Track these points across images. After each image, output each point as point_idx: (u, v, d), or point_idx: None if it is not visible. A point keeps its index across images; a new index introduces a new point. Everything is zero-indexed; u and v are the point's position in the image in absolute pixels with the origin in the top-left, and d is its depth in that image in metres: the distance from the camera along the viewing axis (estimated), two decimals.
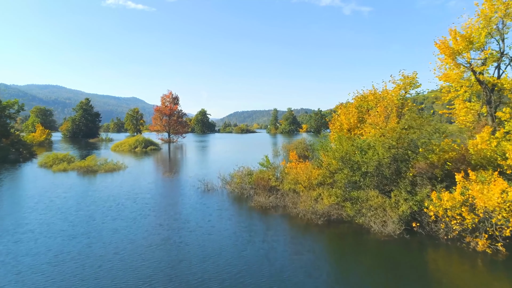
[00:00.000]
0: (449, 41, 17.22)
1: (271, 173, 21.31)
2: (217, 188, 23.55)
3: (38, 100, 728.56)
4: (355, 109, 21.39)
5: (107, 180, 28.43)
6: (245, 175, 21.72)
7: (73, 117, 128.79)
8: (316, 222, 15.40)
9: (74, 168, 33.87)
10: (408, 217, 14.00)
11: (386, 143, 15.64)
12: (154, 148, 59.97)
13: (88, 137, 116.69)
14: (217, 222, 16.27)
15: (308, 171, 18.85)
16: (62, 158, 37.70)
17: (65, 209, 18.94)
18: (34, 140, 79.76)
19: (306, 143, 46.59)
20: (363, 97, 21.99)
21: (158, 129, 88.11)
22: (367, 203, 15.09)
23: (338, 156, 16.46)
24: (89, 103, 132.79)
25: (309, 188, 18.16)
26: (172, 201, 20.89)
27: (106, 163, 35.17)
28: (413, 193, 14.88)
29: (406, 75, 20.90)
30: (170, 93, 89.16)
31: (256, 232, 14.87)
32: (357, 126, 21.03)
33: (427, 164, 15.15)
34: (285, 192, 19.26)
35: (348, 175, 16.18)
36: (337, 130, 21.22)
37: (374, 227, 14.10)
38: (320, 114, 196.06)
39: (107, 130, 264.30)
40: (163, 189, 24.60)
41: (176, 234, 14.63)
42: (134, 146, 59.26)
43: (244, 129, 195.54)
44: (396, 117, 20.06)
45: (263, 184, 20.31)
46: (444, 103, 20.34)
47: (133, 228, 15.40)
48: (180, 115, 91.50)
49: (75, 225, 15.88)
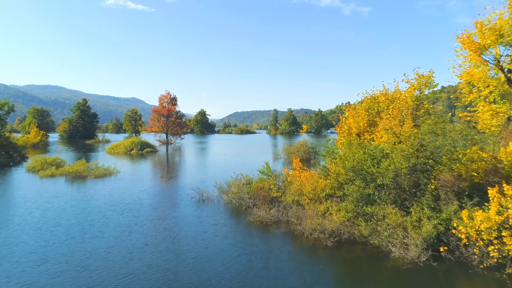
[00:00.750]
0: (473, 35, 15.26)
1: (272, 182, 19.29)
2: (213, 198, 21.51)
3: (37, 100, 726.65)
4: (364, 112, 19.39)
5: (95, 188, 26.41)
6: (244, 184, 19.68)
7: (70, 118, 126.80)
8: (325, 243, 13.35)
9: (62, 174, 31.84)
10: (433, 239, 11.97)
11: (405, 151, 13.61)
12: (150, 151, 57.91)
13: (85, 138, 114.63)
14: (211, 242, 14.24)
15: (314, 181, 16.83)
16: (51, 163, 35.67)
17: (42, 223, 16.92)
18: (29, 142, 77.75)
19: (308, 146, 44.62)
20: (373, 98, 19.99)
21: (155, 130, 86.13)
22: (383, 220, 13.06)
23: (348, 166, 14.44)
24: (87, 104, 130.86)
25: (315, 200, 16.15)
26: (163, 213, 18.86)
27: (96, 168, 33.14)
28: (437, 209, 12.87)
29: (421, 74, 18.90)
30: (168, 93, 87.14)
31: (256, 255, 12.84)
32: (367, 130, 19.04)
33: (453, 176, 13.13)
34: (288, 204, 17.23)
35: (361, 187, 14.15)
36: (344, 134, 19.24)
37: (394, 252, 12.05)
38: (321, 114, 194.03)
39: (105, 130, 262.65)
40: (155, 199, 22.58)
41: (162, 258, 12.59)
42: (130, 148, 57.22)
43: (244, 129, 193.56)
44: (411, 121, 18.05)
45: (263, 195, 18.29)
46: (464, 103, 18.32)
47: (114, 250, 13.36)
48: (178, 116, 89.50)
49: (48, 246, 13.85)
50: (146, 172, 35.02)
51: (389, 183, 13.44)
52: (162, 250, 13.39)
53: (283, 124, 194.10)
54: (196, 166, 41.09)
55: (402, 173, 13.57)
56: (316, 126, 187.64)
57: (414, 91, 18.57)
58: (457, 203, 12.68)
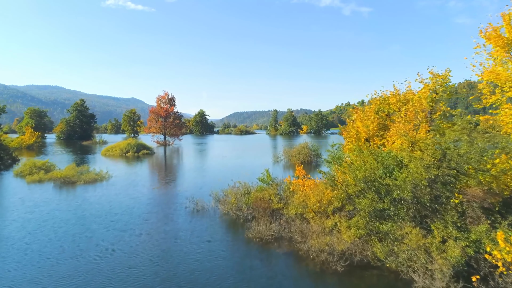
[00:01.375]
0: (500, 29, 13.56)
1: (273, 191, 17.56)
2: (208, 208, 19.76)
3: (37, 100, 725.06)
4: (374, 114, 17.69)
5: (84, 195, 24.68)
6: (241, 194, 17.92)
7: (67, 118, 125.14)
8: (334, 267, 11.62)
9: (51, 179, 30.10)
10: (462, 265, 10.24)
11: (426, 160, 11.89)
12: (146, 153, 56.17)
13: (83, 139, 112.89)
14: (205, 264, 12.50)
15: (319, 192, 15.11)
16: (40, 167, 33.92)
17: (16, 239, 15.18)
18: (23, 143, 75.98)
19: (309, 148, 42.89)
20: (383, 99, 18.28)
21: (153, 131, 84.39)
22: (402, 241, 11.34)
23: (360, 177, 12.72)
24: (84, 104, 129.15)
25: (321, 214, 14.43)
26: (154, 227, 17.13)
27: (87, 173, 31.41)
28: (463, 228, 11.15)
29: (436, 73, 17.17)
30: (166, 93, 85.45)
31: (256, 282, 11.11)
32: (377, 134, 17.34)
33: (481, 189, 11.43)
34: (291, 217, 15.50)
35: (374, 201, 12.43)
36: (352, 139, 17.52)
37: (418, 281, 10.30)
38: (321, 115, 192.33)
39: (104, 131, 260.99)
40: (146, 208, 20.83)
41: (148, 286, 10.87)
42: (126, 150, 55.49)
43: (243, 130, 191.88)
44: (427, 125, 16.35)
45: (263, 207, 16.57)
46: (485, 105, 16.62)
47: (90, 276, 11.60)
48: (176, 117, 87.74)
49: (16, 269, 12.10)
50: (140, 176, 33.29)
51: (407, 197, 11.71)
52: (148, 274, 11.66)
53: (283, 124, 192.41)
54: (193, 169, 39.36)
55: (421, 186, 11.86)
56: (316, 127, 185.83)
57: (429, 91, 16.85)
58: (487, 221, 10.97)
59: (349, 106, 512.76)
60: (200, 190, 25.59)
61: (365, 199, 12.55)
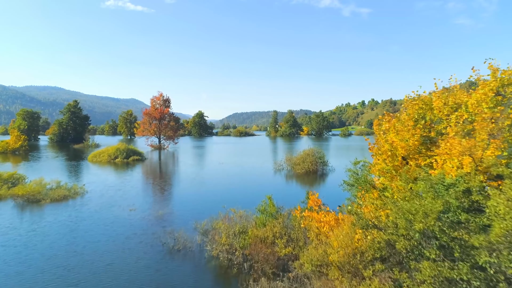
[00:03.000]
0: None
1: (277, 229, 12.93)
2: (193, 247, 15.07)
3: (36, 101, 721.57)
4: (413, 123, 13.12)
5: (46, 219, 20.06)
6: (236, 233, 13.22)
7: (60, 120, 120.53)
8: None
9: (13, 196, 25.47)
10: None
11: None
12: (137, 159, 51.55)
13: (76, 141, 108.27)
14: None
15: (345, 236, 10.50)
16: (6, 179, 29.27)
17: None
18: (9, 147, 71.33)
19: (315, 155, 38.29)
20: (424, 102, 13.67)
21: (147, 134, 79.81)
22: None
23: (418, 227, 8.10)
24: (78, 105, 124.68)
25: (351, 272, 9.82)
26: (114, 277, 12.46)
27: (57, 188, 26.76)
28: None
29: (498, 69, 12.59)
30: (161, 94, 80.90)
31: None
32: (419, 151, 12.76)
33: None
34: (306, 274, 10.87)
35: (443, 267, 7.82)
36: (384, 157, 12.92)
37: None
38: (322, 116, 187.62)
39: (102, 132, 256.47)
40: (114, 243, 16.13)
41: None
42: (114, 156, 50.88)
43: (242, 132, 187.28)
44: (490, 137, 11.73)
45: (265, 253, 11.95)
46: None
47: None
48: (171, 119, 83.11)
49: None
50: (121, 191, 28.61)
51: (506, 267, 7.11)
52: None
53: (283, 126, 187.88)
54: (185, 181, 34.75)
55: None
56: (317, 128, 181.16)
57: (491, 92, 12.29)
58: None
59: (349, 106, 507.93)
60: (187, 214, 21.00)
61: (428, 263, 7.93)
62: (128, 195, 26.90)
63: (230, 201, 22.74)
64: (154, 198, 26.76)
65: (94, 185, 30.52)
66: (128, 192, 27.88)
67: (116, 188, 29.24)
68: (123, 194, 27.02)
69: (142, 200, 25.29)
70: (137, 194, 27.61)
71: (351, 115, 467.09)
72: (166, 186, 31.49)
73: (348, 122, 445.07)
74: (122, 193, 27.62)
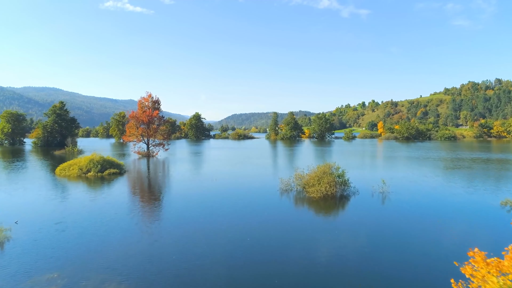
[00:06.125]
0: None
1: None
2: None
3: (34, 102, 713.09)
4: None
5: None
6: None
7: (44, 123, 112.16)
8: None
9: None
10: None
11: None
12: (114, 172, 43.22)
13: (62, 146, 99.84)
14: None
15: None
16: None
17: None
18: None
19: (333, 172, 30.09)
20: None
21: (133, 139, 71.49)
22: None
23: None
24: (64, 107, 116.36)
25: None
26: None
27: None
28: None
29: None
30: (150, 95, 72.69)
31: None
32: None
33: None
34: None
35: None
36: None
37: None
38: (324, 118, 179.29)
39: (96, 135, 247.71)
40: None
41: None
42: (87, 169, 42.56)
43: (241, 134, 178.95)
44: None
45: None
46: None
47: None
48: (161, 122, 74.82)
49: None
50: (61, 236, 20.24)
51: None
52: None
53: (284, 128, 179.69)
54: (159, 215, 26.46)
55: None
56: (320, 131, 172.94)
57: None
58: None
59: (349, 107, 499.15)
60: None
61: None
62: (70, 241, 18.37)
63: (217, 258, 14.52)
64: (103, 255, 18.22)
65: (34, 219, 22.14)
66: (72, 235, 19.33)
67: (60, 228, 20.69)
68: (63, 241, 18.47)
69: (85, 256, 16.72)
70: (83, 238, 19.04)
71: (351, 116, 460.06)
72: (139, 217, 22.97)
73: (349, 124, 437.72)
74: (63, 236, 19.11)
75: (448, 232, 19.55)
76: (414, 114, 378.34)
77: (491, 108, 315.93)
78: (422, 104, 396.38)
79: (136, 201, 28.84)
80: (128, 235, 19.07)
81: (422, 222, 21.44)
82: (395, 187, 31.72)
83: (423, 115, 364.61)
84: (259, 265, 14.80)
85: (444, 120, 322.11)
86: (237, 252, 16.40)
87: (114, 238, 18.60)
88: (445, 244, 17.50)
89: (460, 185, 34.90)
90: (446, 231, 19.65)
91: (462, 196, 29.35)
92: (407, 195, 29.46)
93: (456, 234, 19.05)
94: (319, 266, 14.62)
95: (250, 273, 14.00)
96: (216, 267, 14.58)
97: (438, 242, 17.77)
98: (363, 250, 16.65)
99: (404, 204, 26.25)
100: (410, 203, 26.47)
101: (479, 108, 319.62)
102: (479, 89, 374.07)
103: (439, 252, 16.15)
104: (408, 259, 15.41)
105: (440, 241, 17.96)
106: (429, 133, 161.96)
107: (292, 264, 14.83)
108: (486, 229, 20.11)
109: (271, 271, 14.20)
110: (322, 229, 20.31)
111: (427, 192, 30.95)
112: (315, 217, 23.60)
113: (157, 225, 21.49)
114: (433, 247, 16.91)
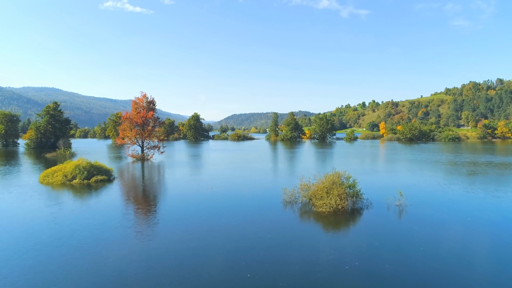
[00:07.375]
0: None
1: None
2: None
3: (33, 102, 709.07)
4: None
5: None
6: None
7: (37, 124, 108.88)
8: None
9: None
10: None
11: None
12: (101, 179, 39.82)
13: (56, 148, 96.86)
14: None
15: None
16: None
17: None
18: None
19: (343, 182, 26.73)
20: None
21: (126, 142, 68.09)
22: None
23: None
24: (58, 108, 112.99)
25: None
26: None
27: None
28: None
29: None
30: (144, 95, 69.30)
31: None
32: None
33: None
34: None
35: None
36: None
37: None
38: (326, 118, 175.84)
39: (94, 135, 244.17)
40: None
41: None
42: (72, 176, 39.17)
43: (240, 135, 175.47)
44: None
45: None
46: None
47: None
48: (157, 124, 71.41)
49: None
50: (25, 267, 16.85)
51: None
52: None
53: (284, 129, 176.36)
54: (147, 229, 23.08)
55: None
56: (321, 132, 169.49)
57: None
58: None
59: (349, 108, 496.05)
60: None
61: None
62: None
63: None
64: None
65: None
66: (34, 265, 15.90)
67: (23, 257, 17.22)
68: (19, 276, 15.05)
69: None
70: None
71: (351, 116, 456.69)
72: (104, 251, 19.58)
73: (349, 124, 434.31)
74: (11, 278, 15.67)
75: (488, 261, 16.12)
76: (415, 114, 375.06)
77: (493, 108, 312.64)
78: (423, 104, 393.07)
79: (120, 214, 25.33)
80: (101, 260, 15.58)
81: (451, 246, 18.02)
82: (412, 199, 28.28)
83: (424, 115, 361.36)
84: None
85: (446, 121, 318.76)
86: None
87: (86, 265, 15.11)
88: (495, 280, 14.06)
89: (482, 195, 31.46)
90: (484, 261, 16.21)
91: (492, 210, 25.93)
92: (427, 209, 26.01)
93: (499, 264, 15.61)
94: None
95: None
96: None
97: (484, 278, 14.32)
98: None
99: (426, 219, 22.84)
100: (432, 218, 23.11)
101: (481, 108, 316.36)
102: (481, 89, 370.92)
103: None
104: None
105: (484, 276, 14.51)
106: (433, 134, 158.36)
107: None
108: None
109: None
110: (337, 261, 16.83)
111: (449, 206, 27.39)
112: (325, 238, 20.13)
113: (139, 245, 18.01)
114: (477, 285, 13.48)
